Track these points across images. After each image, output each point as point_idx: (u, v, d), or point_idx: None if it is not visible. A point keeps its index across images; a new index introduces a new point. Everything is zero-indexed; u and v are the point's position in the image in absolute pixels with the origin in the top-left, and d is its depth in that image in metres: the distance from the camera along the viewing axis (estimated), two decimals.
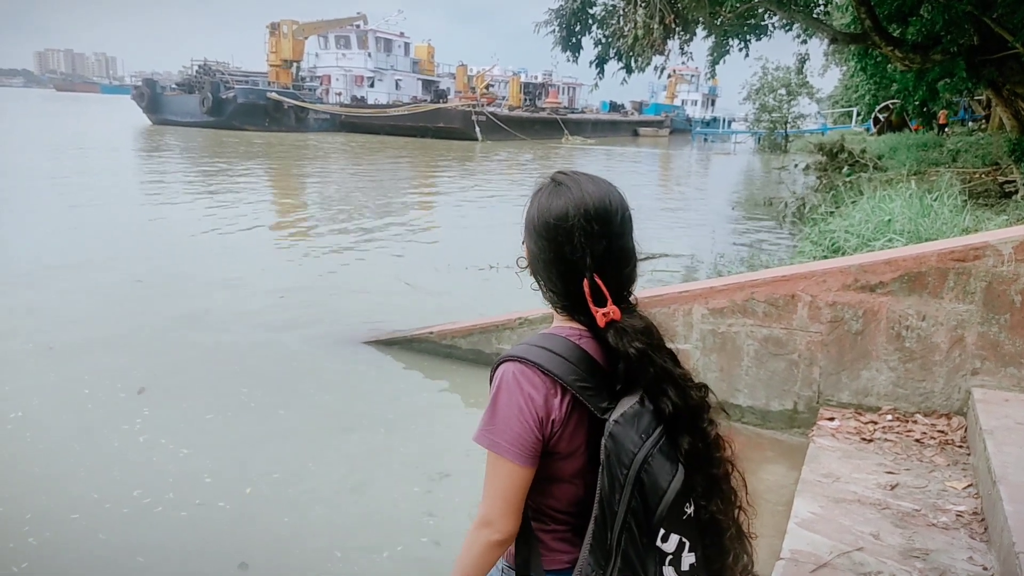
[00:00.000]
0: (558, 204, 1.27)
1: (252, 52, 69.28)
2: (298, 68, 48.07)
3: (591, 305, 1.26)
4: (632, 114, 68.78)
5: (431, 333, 5.79)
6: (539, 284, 1.35)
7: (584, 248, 1.25)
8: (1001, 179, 11.23)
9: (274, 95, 42.20)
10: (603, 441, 1.20)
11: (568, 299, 1.30)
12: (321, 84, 50.79)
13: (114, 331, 6.27)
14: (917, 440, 3.66)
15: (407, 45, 54.21)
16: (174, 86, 46.32)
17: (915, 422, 3.84)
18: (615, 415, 1.21)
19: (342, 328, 6.50)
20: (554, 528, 1.32)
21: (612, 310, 1.26)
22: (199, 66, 45.12)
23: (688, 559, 1.22)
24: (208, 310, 6.99)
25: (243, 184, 17.86)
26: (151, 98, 43.73)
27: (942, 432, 3.72)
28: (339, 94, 49.69)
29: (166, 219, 12.08)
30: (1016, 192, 9.93)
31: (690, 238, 11.93)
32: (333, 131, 43.59)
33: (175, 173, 19.47)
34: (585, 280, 1.25)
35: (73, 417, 4.62)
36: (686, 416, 1.25)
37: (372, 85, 50.59)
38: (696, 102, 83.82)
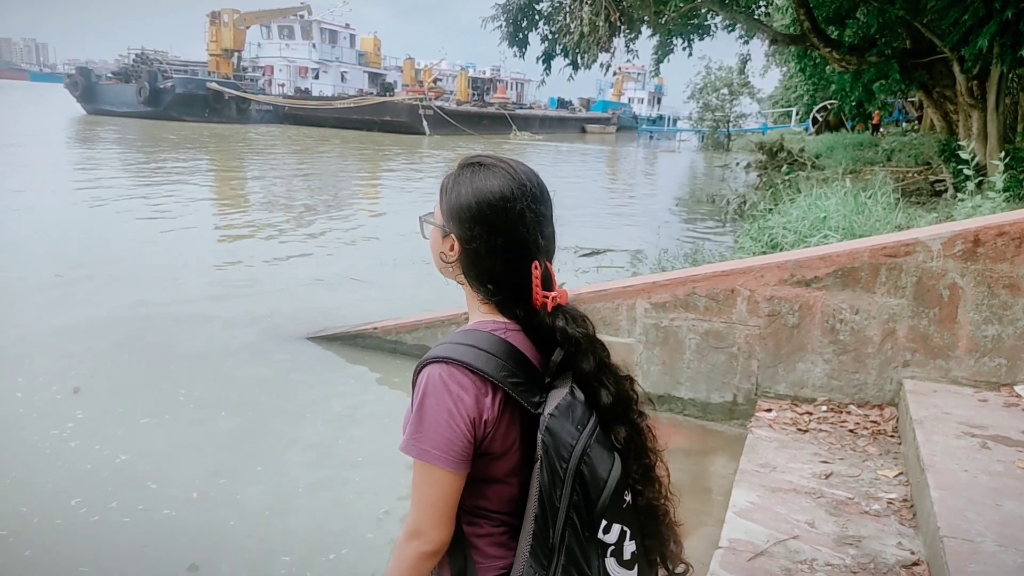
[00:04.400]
0: (495, 184, 1.21)
1: (192, 41, 67.42)
2: (239, 58, 46.92)
3: (538, 290, 1.21)
4: (580, 111, 69.20)
5: (375, 329, 5.72)
6: (468, 277, 1.26)
7: (534, 230, 1.21)
8: (932, 178, 11.67)
9: (214, 85, 41.11)
10: (539, 436, 1.16)
11: (507, 289, 1.23)
12: (264, 75, 49.72)
13: (48, 330, 6.02)
14: (851, 430, 3.77)
15: (353, 37, 53.49)
16: (110, 75, 44.72)
17: (849, 413, 3.95)
18: (549, 408, 1.17)
19: (284, 324, 6.37)
20: (489, 531, 1.26)
21: (560, 293, 1.22)
22: (136, 55, 43.63)
23: (629, 547, 1.20)
24: (144, 307, 6.77)
25: (182, 177, 17.36)
26: (85, 87, 42.12)
27: (875, 422, 3.84)
28: (282, 85, 48.68)
29: (102, 214, 11.64)
30: (946, 191, 10.32)
31: (636, 234, 12.05)
32: (276, 123, 42.70)
33: (111, 165, 18.81)
34: (535, 263, 1.21)
35: (2, 421, 4.40)
36: (621, 406, 1.24)
37: (317, 77, 49.79)
38: (643, 100, 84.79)
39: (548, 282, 1.23)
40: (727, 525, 2.84)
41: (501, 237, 1.21)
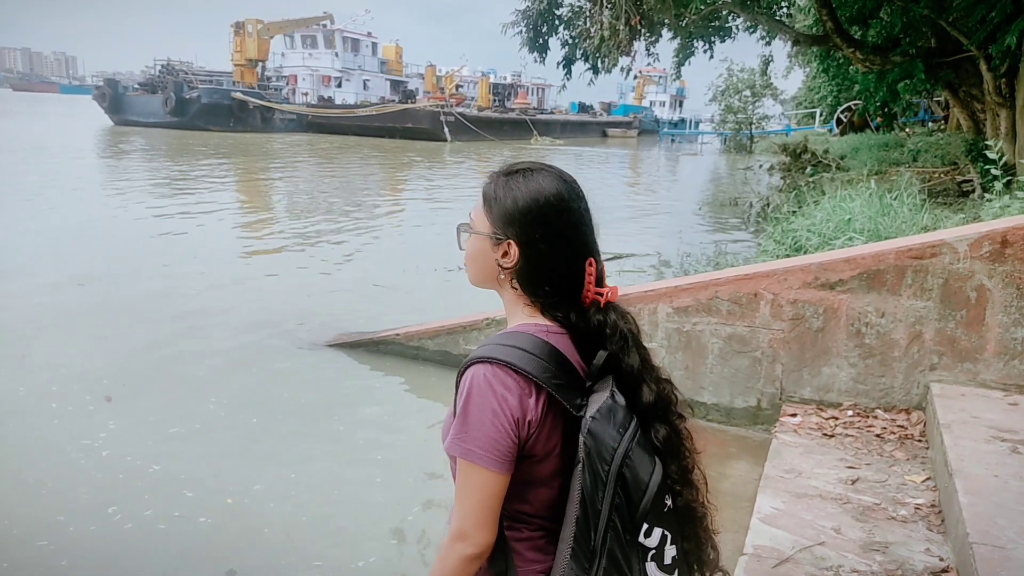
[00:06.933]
0: (549, 186, 1.23)
1: (217, 52, 68.42)
2: (263, 68, 47.55)
3: (591, 287, 1.23)
4: (601, 115, 69.15)
5: (397, 335, 5.75)
6: (523, 281, 1.26)
7: (587, 228, 1.25)
8: (959, 178, 11.49)
9: (239, 95, 41.69)
10: (581, 438, 1.16)
11: (561, 289, 1.24)
12: (287, 84, 50.34)
13: (78, 339, 6.12)
14: (877, 435, 3.72)
15: (375, 45, 53.97)
16: (136, 86, 45.54)
17: (875, 417, 3.90)
18: (591, 411, 1.17)
19: (307, 331, 6.42)
20: (529, 536, 1.26)
21: (612, 290, 1.24)
22: (162, 66, 44.42)
23: (670, 552, 1.20)
24: (169, 315, 6.86)
25: (207, 186, 17.59)
26: (113, 98, 42.94)
27: (902, 427, 3.79)
28: (306, 94, 49.26)
29: (130, 223, 11.83)
30: (973, 191, 10.16)
31: (658, 238, 12.00)
32: (300, 131, 43.20)
33: (138, 174, 19.11)
34: (591, 260, 1.24)
35: (38, 432, 4.47)
36: (661, 408, 1.25)
37: (339, 85, 50.29)
38: (664, 103, 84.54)
39: (601, 279, 1.26)
40: (752, 531, 2.81)
41: (562, 237, 1.23)
